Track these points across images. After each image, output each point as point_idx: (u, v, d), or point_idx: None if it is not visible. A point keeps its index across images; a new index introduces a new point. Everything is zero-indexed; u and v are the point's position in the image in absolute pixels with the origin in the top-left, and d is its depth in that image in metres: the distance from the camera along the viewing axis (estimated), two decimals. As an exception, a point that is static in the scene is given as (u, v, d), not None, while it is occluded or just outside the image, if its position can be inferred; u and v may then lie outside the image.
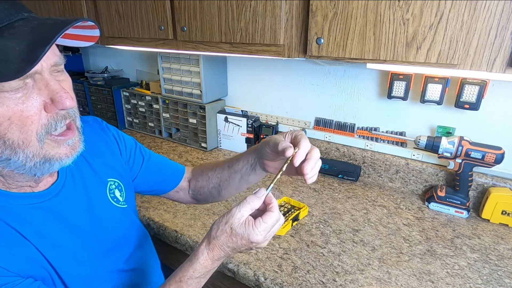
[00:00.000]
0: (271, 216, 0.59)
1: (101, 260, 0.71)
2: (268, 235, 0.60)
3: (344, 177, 1.36)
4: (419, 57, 0.84)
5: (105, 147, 0.80)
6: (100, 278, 0.70)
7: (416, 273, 0.88)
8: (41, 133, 0.53)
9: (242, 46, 1.10)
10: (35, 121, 0.51)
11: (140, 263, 0.82)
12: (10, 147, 0.51)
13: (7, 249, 0.54)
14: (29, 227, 0.58)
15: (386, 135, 1.30)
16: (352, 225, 1.08)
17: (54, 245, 0.61)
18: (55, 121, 0.54)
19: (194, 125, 1.68)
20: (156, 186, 0.89)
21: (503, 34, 0.75)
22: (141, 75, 2.06)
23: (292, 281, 0.85)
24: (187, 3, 1.15)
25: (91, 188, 0.73)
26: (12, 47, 0.46)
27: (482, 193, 1.15)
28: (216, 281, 1.01)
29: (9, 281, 0.52)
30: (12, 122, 0.50)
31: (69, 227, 0.65)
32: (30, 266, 0.57)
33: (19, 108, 0.50)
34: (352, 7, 0.88)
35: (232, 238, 0.59)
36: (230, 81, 1.69)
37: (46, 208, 0.62)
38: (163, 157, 0.93)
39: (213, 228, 0.61)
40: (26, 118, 0.50)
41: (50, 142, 0.55)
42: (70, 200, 0.67)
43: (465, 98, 1.08)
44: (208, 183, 0.86)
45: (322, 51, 0.96)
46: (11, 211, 0.58)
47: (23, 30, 0.47)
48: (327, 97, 1.42)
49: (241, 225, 0.58)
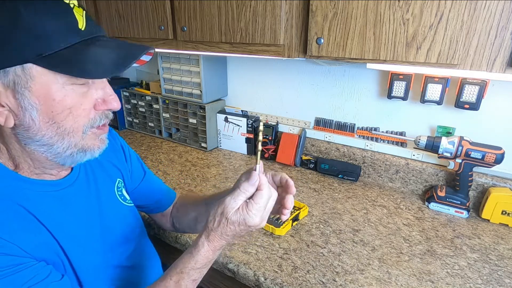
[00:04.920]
0: (262, 195, 0.60)
1: (107, 253, 0.73)
2: (264, 214, 0.60)
3: (344, 177, 1.36)
4: (419, 57, 0.84)
5: (113, 152, 0.84)
6: (106, 271, 0.73)
7: (416, 273, 0.88)
8: (86, 126, 0.59)
9: (242, 46, 1.10)
10: (86, 115, 0.58)
11: (143, 260, 0.85)
12: (61, 135, 0.57)
13: (23, 232, 0.57)
14: (45, 213, 0.61)
15: (386, 135, 1.30)
16: (352, 225, 1.08)
17: (67, 233, 0.64)
18: (99, 118, 0.61)
19: (194, 125, 1.68)
20: (149, 204, 0.93)
21: (503, 34, 0.75)
22: (141, 75, 2.06)
23: (292, 281, 0.85)
24: (187, 3, 1.15)
25: (101, 184, 0.76)
26: (105, 54, 0.56)
27: (482, 193, 1.15)
28: (216, 281, 1.01)
29: (24, 262, 0.55)
30: (71, 112, 0.56)
31: (80, 218, 0.68)
32: (44, 250, 0.60)
33: (80, 101, 0.57)
34: (352, 7, 0.88)
35: (229, 227, 0.60)
36: (230, 81, 1.69)
37: (60, 197, 0.66)
38: (160, 179, 0.98)
39: (210, 220, 0.63)
40: (82, 110, 0.57)
41: (90, 134, 0.61)
42: (82, 192, 0.71)
43: (465, 98, 1.08)
44: (187, 215, 0.90)
45: (322, 51, 0.96)
46: (29, 197, 0.60)
47: (110, 44, 0.57)
48: (327, 97, 1.42)
49: (235, 212, 0.59)
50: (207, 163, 1.53)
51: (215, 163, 1.54)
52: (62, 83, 0.54)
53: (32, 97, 0.53)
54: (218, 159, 1.58)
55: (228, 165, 1.52)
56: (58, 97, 0.54)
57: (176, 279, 0.63)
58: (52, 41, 0.52)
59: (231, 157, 1.60)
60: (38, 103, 0.54)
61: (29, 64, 0.51)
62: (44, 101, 0.54)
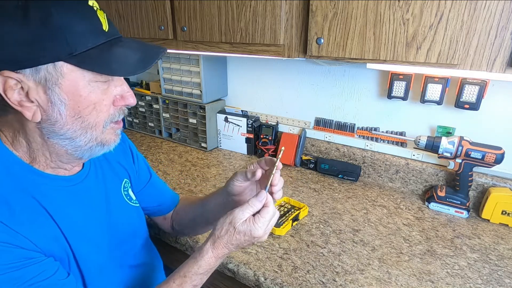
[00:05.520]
0: (268, 211, 0.66)
1: (113, 251, 0.74)
2: (267, 228, 0.66)
3: (344, 177, 1.36)
4: (419, 57, 0.84)
5: (122, 152, 0.85)
6: (111, 270, 0.74)
7: (416, 273, 0.88)
8: (107, 120, 0.62)
9: (242, 46, 1.10)
10: (107, 111, 0.62)
11: (146, 260, 0.87)
12: (84, 128, 0.60)
13: (35, 225, 0.59)
14: (56, 207, 0.63)
15: (386, 135, 1.30)
16: (352, 225, 1.08)
17: (75, 228, 0.65)
18: (118, 113, 0.64)
19: (194, 125, 1.68)
20: (152, 207, 0.94)
21: (503, 34, 0.75)
22: (141, 75, 2.06)
23: (292, 281, 0.85)
24: (187, 3, 1.15)
25: (109, 183, 0.78)
26: (130, 55, 0.60)
27: (482, 193, 1.15)
28: (216, 281, 1.01)
29: (34, 256, 0.57)
30: (95, 108, 0.60)
31: (89, 214, 0.70)
32: (53, 245, 0.61)
33: (102, 97, 0.60)
34: (352, 7, 0.88)
35: (235, 236, 0.65)
36: (230, 81, 1.69)
37: (72, 192, 0.67)
38: (164, 183, 0.99)
39: (217, 228, 0.67)
40: (104, 106, 0.61)
41: (109, 129, 0.64)
42: (92, 189, 0.72)
43: (465, 98, 1.08)
44: (186, 216, 0.93)
45: (322, 51, 0.96)
46: (42, 190, 0.62)
47: (132, 45, 0.61)
48: (327, 97, 1.42)
49: (242, 223, 0.65)
50: (207, 163, 1.53)
51: (215, 163, 1.54)
52: (88, 80, 0.57)
53: (62, 93, 0.56)
54: (218, 159, 1.58)
55: (228, 165, 1.52)
56: (84, 93, 0.58)
57: (179, 282, 0.67)
58: (81, 41, 0.55)
59: (231, 157, 1.60)
60: (67, 99, 0.57)
61: (61, 62, 0.54)
62: (72, 96, 0.57)
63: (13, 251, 0.55)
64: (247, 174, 0.72)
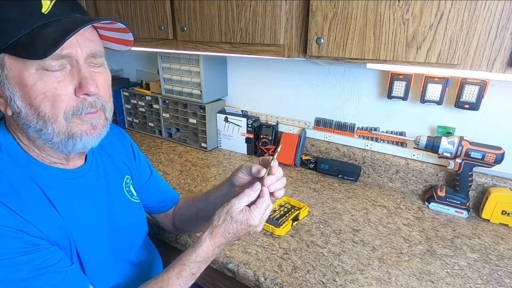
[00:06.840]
0: (263, 201, 0.68)
1: (114, 245, 0.75)
2: (262, 218, 0.68)
3: (344, 177, 1.36)
4: (419, 57, 0.84)
5: (124, 150, 0.86)
6: (111, 264, 0.74)
7: (416, 273, 0.88)
8: (68, 113, 0.59)
9: (242, 46, 1.10)
10: (64, 101, 0.58)
11: (146, 258, 0.87)
12: (43, 119, 0.58)
13: (42, 213, 0.60)
14: (59, 199, 0.64)
15: (386, 135, 1.30)
16: (352, 225, 1.08)
17: (76, 220, 0.66)
18: (82, 106, 0.60)
19: (194, 125, 1.68)
20: (153, 204, 0.94)
21: (503, 34, 0.75)
22: (141, 75, 2.06)
23: (292, 281, 0.85)
24: (187, 3, 1.15)
25: (111, 178, 0.79)
26: (49, 33, 0.54)
27: (482, 193, 1.15)
28: (216, 281, 1.01)
29: (41, 243, 0.58)
30: (46, 97, 0.57)
31: (91, 207, 0.71)
32: (57, 233, 0.62)
33: (54, 86, 0.57)
34: (352, 7, 0.88)
35: (232, 225, 0.67)
36: (230, 81, 1.69)
37: (74, 185, 0.68)
38: (165, 181, 1.00)
39: (214, 218, 0.69)
40: (57, 95, 0.57)
41: (75, 120, 0.61)
42: (94, 183, 0.73)
43: (465, 98, 1.08)
44: (188, 212, 0.93)
45: (322, 51, 0.96)
46: (46, 181, 0.63)
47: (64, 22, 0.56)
48: (327, 97, 1.42)
49: (239, 212, 0.67)
50: (207, 163, 1.53)
51: (215, 163, 1.54)
52: (35, 69, 0.55)
53: (11, 85, 0.56)
54: (218, 159, 1.58)
55: (228, 165, 1.52)
56: (29, 83, 0.56)
57: (178, 270, 0.68)
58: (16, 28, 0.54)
59: (231, 157, 1.60)
60: (18, 90, 0.56)
61: (2, 54, 0.55)
62: (20, 87, 0.56)
63: (22, 237, 0.56)
64: (252, 168, 0.74)
